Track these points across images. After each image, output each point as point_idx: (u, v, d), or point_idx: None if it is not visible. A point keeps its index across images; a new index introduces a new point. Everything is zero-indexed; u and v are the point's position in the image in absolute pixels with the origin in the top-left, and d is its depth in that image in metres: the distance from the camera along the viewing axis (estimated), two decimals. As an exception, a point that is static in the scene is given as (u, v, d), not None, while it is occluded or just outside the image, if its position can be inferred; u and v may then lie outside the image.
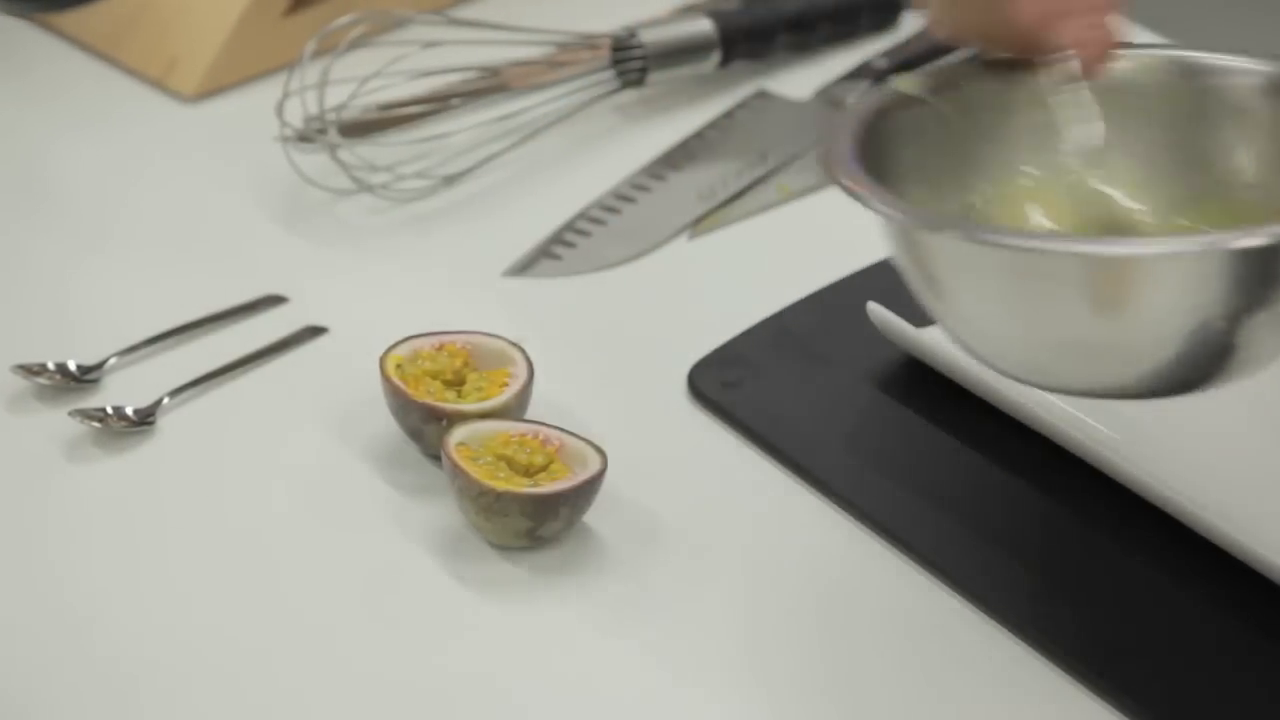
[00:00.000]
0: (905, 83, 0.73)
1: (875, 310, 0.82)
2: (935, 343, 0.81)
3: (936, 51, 0.99)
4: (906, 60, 0.99)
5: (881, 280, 0.87)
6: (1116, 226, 0.72)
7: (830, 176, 0.69)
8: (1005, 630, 0.72)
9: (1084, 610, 0.72)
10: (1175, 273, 0.65)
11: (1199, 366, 0.67)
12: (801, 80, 1.00)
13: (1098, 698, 0.70)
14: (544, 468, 0.76)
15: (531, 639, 0.73)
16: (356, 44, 0.93)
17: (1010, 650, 0.72)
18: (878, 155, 0.70)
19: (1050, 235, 0.70)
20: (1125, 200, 0.73)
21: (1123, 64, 0.72)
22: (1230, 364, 0.67)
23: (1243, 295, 0.65)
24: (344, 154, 0.92)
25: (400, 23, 0.95)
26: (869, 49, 1.01)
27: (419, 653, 0.72)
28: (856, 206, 0.92)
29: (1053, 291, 0.66)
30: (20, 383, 0.82)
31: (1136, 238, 0.71)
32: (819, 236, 0.91)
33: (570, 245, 0.91)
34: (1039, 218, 0.72)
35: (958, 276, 0.68)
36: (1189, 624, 0.72)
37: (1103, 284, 0.65)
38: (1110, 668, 0.70)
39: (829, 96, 0.98)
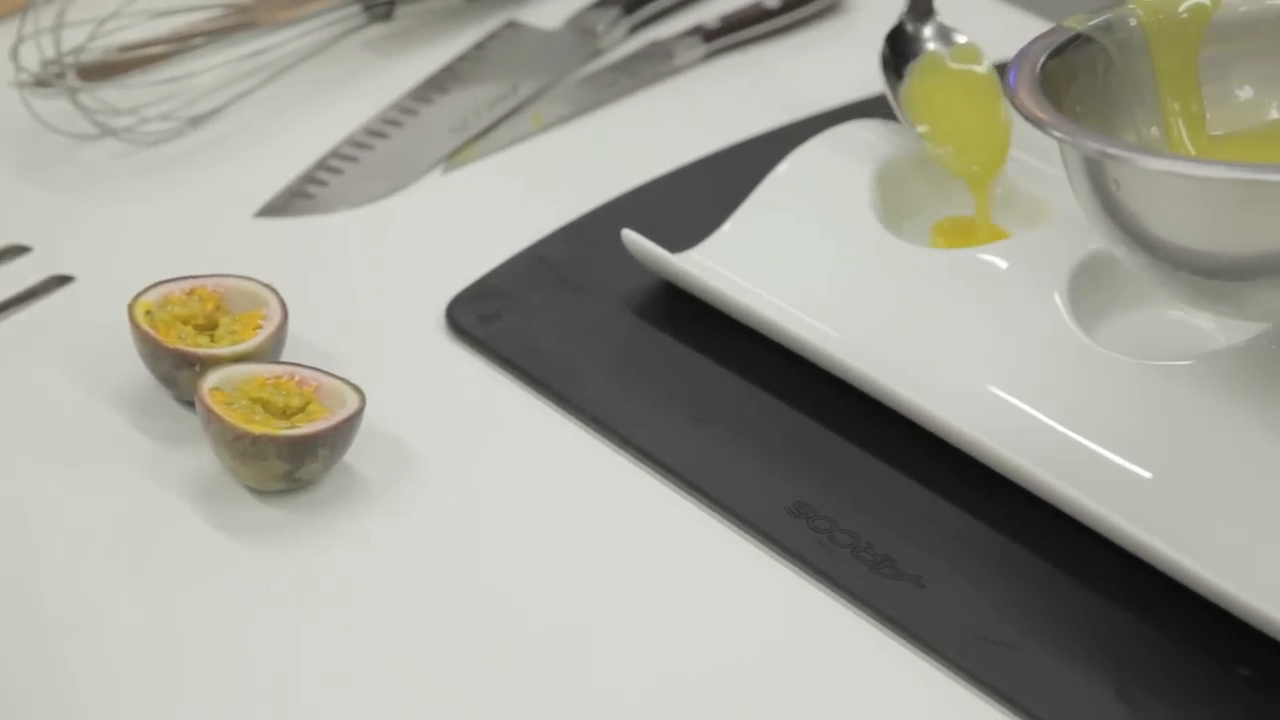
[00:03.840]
0: (1075, 20, 0.76)
1: (630, 237, 0.82)
2: (689, 267, 0.81)
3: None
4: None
5: (636, 208, 0.87)
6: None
7: (1033, 122, 0.71)
8: (770, 550, 0.73)
9: (848, 525, 0.73)
10: None
11: None
12: (551, 9, 0.99)
13: (869, 617, 0.71)
14: (301, 409, 0.75)
15: (295, 581, 0.72)
16: (93, -16, 0.91)
17: (773, 568, 0.73)
18: (1054, 93, 0.72)
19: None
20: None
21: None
22: None
23: None
24: (84, 98, 0.90)
25: (138, -38, 0.93)
26: (618, -24, 1.01)
27: (179, 602, 0.71)
28: (610, 136, 0.93)
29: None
30: None
31: None
32: (574, 166, 0.91)
33: (322, 183, 0.90)
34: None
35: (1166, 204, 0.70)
36: (953, 531, 0.73)
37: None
38: (876, 581, 0.71)
39: (579, 25, 0.98)
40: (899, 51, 0.85)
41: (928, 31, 0.85)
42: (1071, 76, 0.75)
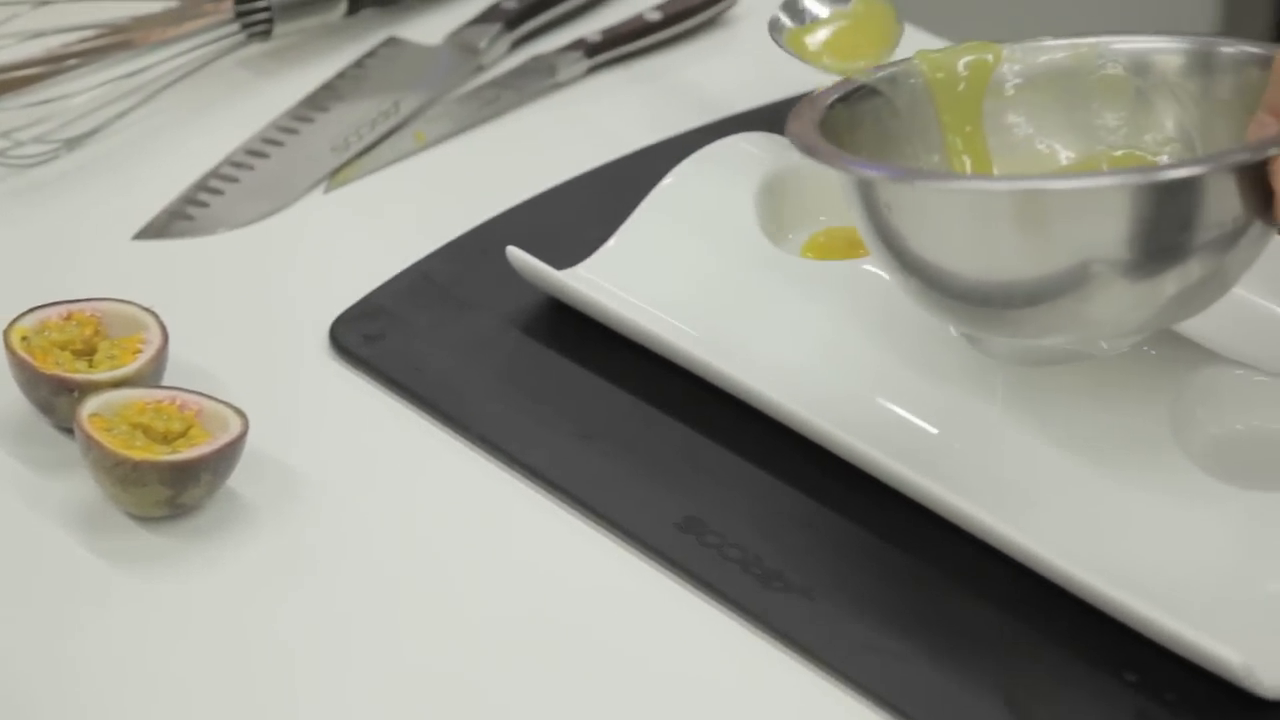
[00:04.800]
0: (864, 76, 0.78)
1: (515, 254, 0.82)
2: (575, 283, 0.81)
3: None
4: (536, 1, 0.99)
5: (521, 224, 0.87)
6: None
7: (804, 150, 0.73)
8: (659, 565, 0.73)
9: (737, 539, 0.73)
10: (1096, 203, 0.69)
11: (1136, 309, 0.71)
12: (432, 25, 0.99)
13: (760, 631, 0.70)
14: (183, 434, 0.75)
15: (180, 608, 0.71)
16: (-37, 7, 0.90)
17: (663, 583, 0.72)
18: (836, 138, 0.74)
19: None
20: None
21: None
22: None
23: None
24: (-44, 122, 0.89)
25: (10, -18, 0.92)
26: (498, -9, 1.00)
27: (62, 632, 0.70)
28: (494, 152, 0.92)
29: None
30: None
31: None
32: (457, 183, 0.91)
33: (202, 204, 0.89)
34: None
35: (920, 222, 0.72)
36: (842, 543, 0.73)
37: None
38: (766, 595, 0.71)
39: (460, 41, 0.97)
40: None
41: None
42: (855, 124, 0.76)
